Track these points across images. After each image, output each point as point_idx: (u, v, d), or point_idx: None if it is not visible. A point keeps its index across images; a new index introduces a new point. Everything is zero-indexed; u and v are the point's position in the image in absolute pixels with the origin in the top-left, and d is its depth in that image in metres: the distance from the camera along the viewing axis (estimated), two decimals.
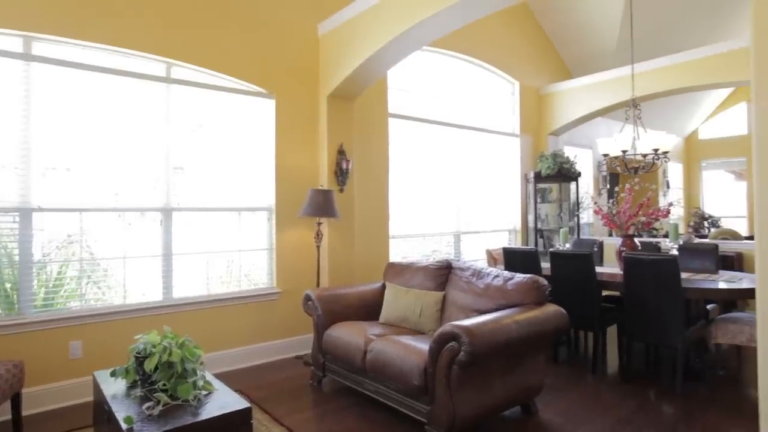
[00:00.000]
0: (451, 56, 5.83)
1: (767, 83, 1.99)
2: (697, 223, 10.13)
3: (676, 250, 3.98)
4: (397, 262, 3.95)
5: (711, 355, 3.86)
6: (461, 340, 2.38)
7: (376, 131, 4.95)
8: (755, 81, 2.03)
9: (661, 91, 5.67)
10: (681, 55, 5.48)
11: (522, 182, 6.48)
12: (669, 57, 5.58)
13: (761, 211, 2.01)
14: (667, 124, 10.08)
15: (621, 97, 5.97)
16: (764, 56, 1.99)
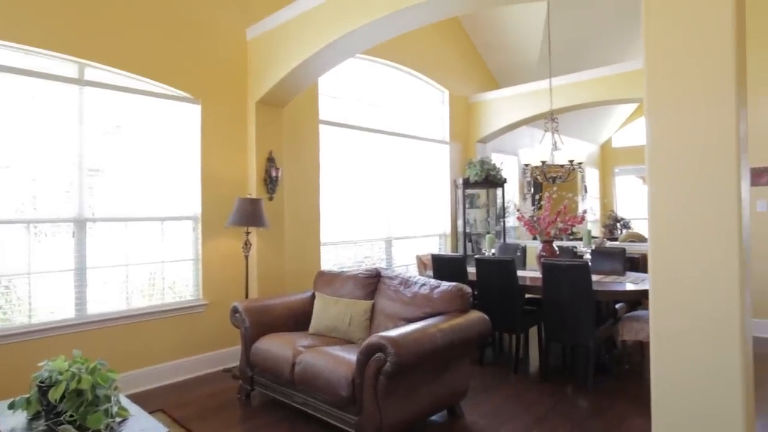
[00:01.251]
0: (383, 64, 5.91)
1: (657, 101, 2.20)
2: (611, 225, 10.93)
3: (589, 254, 4.28)
4: (327, 271, 3.95)
5: (618, 351, 4.18)
6: (387, 351, 2.42)
7: (307, 138, 4.92)
8: (647, 99, 2.23)
9: (576, 104, 6.08)
10: (593, 72, 5.90)
11: (452, 188, 6.69)
12: (584, 72, 5.99)
13: (653, 216, 2.20)
14: (584, 133, 10.80)
15: (542, 108, 6.31)
16: (654, 76, 2.20)
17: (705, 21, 2.06)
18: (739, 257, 1.98)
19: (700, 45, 2.08)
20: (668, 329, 2.16)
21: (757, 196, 4.79)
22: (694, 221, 2.07)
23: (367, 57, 5.63)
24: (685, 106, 2.12)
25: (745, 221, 2.11)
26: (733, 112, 2.00)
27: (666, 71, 2.16)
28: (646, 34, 2.22)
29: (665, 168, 2.17)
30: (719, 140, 2.02)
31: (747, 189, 2.18)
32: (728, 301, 1.98)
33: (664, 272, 2.16)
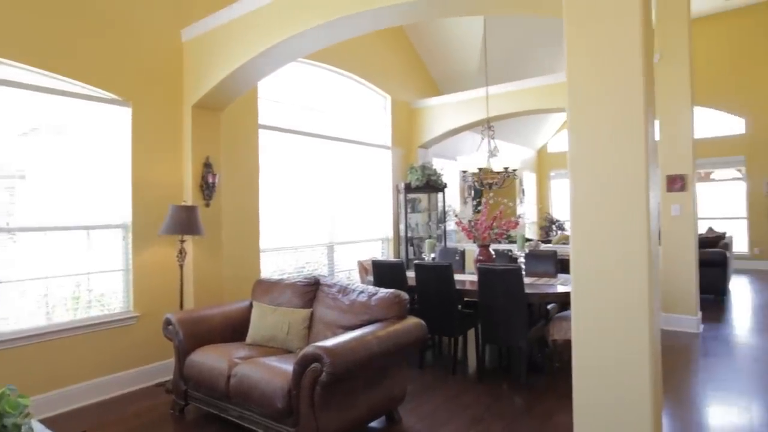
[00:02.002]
0: (326, 69, 5.90)
1: (577, 115, 2.35)
2: (547, 227, 11.45)
3: (523, 257, 4.46)
4: (265, 279, 3.89)
5: (550, 349, 4.39)
6: (323, 360, 2.42)
7: (245, 143, 4.83)
8: (568, 112, 2.37)
9: (510, 112, 6.32)
10: (526, 82, 6.16)
11: (394, 193, 6.77)
12: (518, 82, 6.25)
13: (574, 220, 2.35)
14: (522, 138, 11.24)
15: (482, 115, 6.52)
16: (575, 91, 2.34)
17: (617, 44, 2.22)
18: (648, 258, 2.16)
19: (613, 65, 2.24)
20: (586, 325, 2.32)
21: (671, 201, 5.18)
22: (609, 225, 2.24)
23: (309, 61, 5.60)
24: (601, 120, 2.27)
25: (654, 224, 2.30)
26: (642, 125, 2.17)
27: (584, 87, 2.31)
28: (568, 54, 2.37)
29: (584, 175, 2.32)
30: (631, 151, 2.18)
31: (657, 194, 2.37)
32: (639, 297, 2.17)
33: (584, 272, 2.33)
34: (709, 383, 3.68)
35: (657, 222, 2.36)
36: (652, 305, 2.21)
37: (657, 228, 2.36)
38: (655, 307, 2.29)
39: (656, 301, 2.31)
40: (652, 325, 2.22)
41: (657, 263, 2.32)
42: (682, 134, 5.14)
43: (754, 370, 3.95)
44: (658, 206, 2.38)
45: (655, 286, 2.26)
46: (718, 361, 4.18)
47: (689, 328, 5.08)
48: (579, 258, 2.34)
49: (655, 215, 2.34)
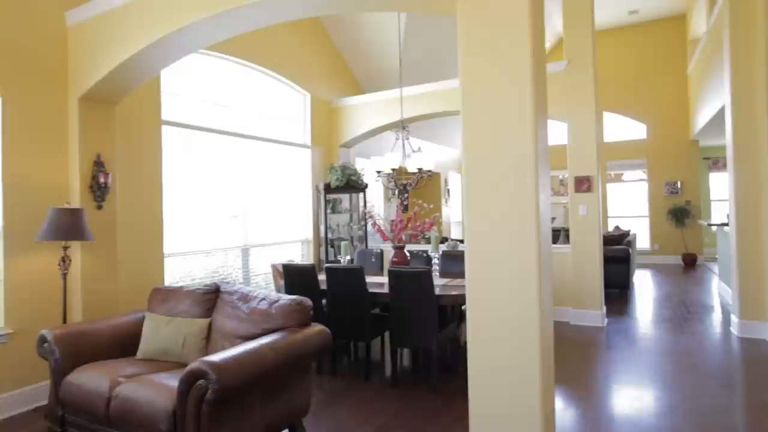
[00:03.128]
0: (240, 64, 5.61)
1: (470, 113, 2.33)
2: None
3: (437, 258, 4.46)
4: (164, 287, 3.59)
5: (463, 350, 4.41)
6: (209, 377, 2.23)
7: (146, 140, 4.46)
8: (462, 118, 2.35)
9: (428, 113, 6.34)
10: (445, 83, 6.20)
11: (313, 193, 6.59)
12: (435, 83, 6.28)
13: (468, 220, 2.34)
14: (448, 139, 11.42)
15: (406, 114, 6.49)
16: (468, 90, 2.33)
17: (507, 46, 2.22)
18: (537, 258, 2.19)
19: (504, 67, 2.24)
20: (481, 322, 2.34)
21: (579, 201, 5.41)
22: (500, 226, 2.28)
23: (220, 55, 5.29)
24: (492, 122, 2.27)
25: (546, 225, 2.33)
26: (531, 128, 2.18)
27: (476, 89, 2.31)
28: (461, 54, 2.35)
29: (476, 177, 2.32)
30: (520, 153, 2.18)
31: (548, 196, 2.40)
32: (529, 297, 2.21)
33: (478, 272, 2.34)
34: (608, 375, 3.85)
35: (548, 223, 2.40)
36: (542, 305, 2.24)
37: (548, 229, 2.39)
38: (546, 304, 2.33)
39: (547, 299, 2.35)
40: (543, 323, 2.26)
41: (548, 263, 2.36)
42: (588, 138, 5.37)
43: (649, 361, 4.18)
44: (549, 207, 2.41)
45: (545, 285, 2.30)
46: (618, 354, 4.40)
47: (595, 322, 5.33)
48: (474, 258, 2.34)
49: (547, 217, 2.37)
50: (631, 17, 10.22)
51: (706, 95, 7.70)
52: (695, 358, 4.18)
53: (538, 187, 2.18)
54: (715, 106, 6.63)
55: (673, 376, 3.80)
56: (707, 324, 5.30)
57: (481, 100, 2.29)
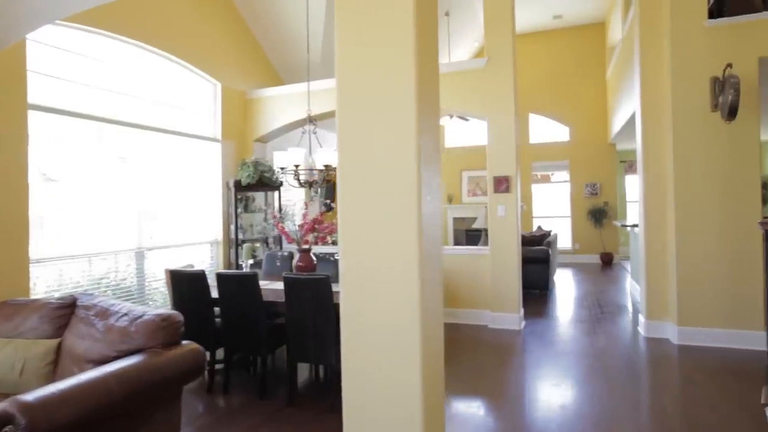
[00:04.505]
0: (139, 47, 5.01)
1: (347, 110, 2.07)
2: None
3: None
4: (14, 301, 3.03)
5: None
6: (17, 422, 1.77)
7: (6, 127, 3.82)
8: (338, 108, 2.07)
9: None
10: None
11: (224, 190, 6.09)
12: None
13: (343, 224, 2.11)
14: None
15: (324, 108, 6.12)
16: (345, 86, 2.06)
17: (388, 38, 1.98)
18: (418, 258, 1.96)
19: (384, 61, 2.00)
20: (356, 326, 2.11)
21: (498, 201, 5.31)
22: (379, 228, 2.07)
23: (115, 35, 4.69)
24: (371, 121, 2.03)
25: (431, 228, 2.11)
26: (414, 128, 1.93)
27: (354, 85, 2.07)
28: (338, 45, 2.09)
29: (353, 178, 2.06)
30: (401, 153, 1.93)
31: (435, 198, 2.18)
32: (410, 303, 2.00)
33: (352, 276, 2.13)
34: (519, 380, 3.71)
35: (435, 225, 2.17)
36: (426, 311, 2.02)
37: (435, 231, 2.16)
38: (432, 311, 2.10)
39: (433, 304, 2.13)
40: (429, 332, 2.03)
41: (434, 266, 2.14)
42: (507, 137, 5.27)
43: (561, 365, 4.10)
44: (437, 208, 2.18)
45: (430, 290, 2.08)
46: (531, 357, 4.30)
47: (512, 325, 5.24)
48: (348, 261, 2.09)
49: (434, 218, 2.15)
50: (555, 22, 10.43)
51: (621, 100, 7.94)
52: (604, 360, 4.15)
53: (422, 188, 1.92)
54: (628, 112, 6.80)
55: (582, 380, 3.73)
56: (618, 324, 5.36)
57: (358, 94, 2.04)
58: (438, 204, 2.18)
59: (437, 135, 2.19)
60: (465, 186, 11.72)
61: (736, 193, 4.37)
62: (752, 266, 4.30)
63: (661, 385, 3.60)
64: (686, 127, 4.53)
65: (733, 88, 3.91)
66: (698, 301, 4.47)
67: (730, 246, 4.38)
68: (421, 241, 1.95)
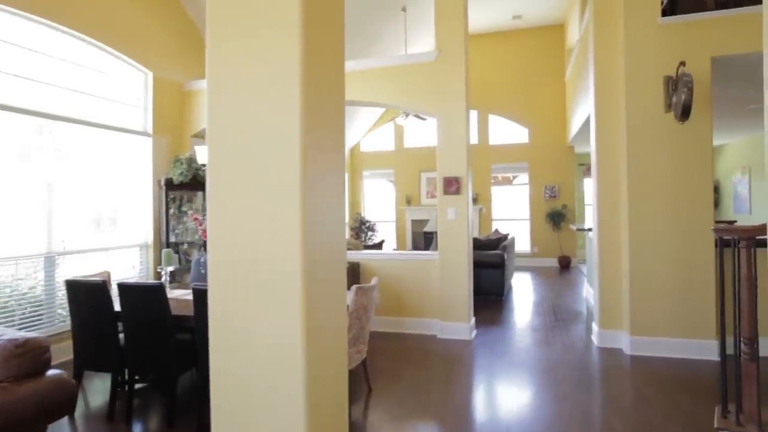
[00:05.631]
0: (55, 29, 4.47)
1: (218, 105, 1.71)
2: (357, 228, 11.20)
3: None
4: None
5: None
6: None
7: None
8: (209, 104, 1.70)
9: None
10: None
11: (155, 189, 5.59)
12: None
13: (212, 231, 1.74)
14: None
15: None
16: (217, 74, 1.71)
17: (270, 39, 1.65)
18: (301, 266, 1.62)
19: (264, 63, 1.67)
20: (226, 353, 1.74)
21: (448, 204, 5.02)
22: (254, 230, 1.67)
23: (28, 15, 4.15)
24: (248, 119, 1.69)
25: (320, 235, 1.78)
26: (298, 127, 1.59)
27: (230, 83, 1.72)
28: (209, 25, 1.75)
29: (226, 178, 1.71)
30: (282, 148, 1.58)
31: (332, 196, 1.86)
32: (290, 314, 1.65)
33: (222, 294, 1.75)
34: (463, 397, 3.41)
35: (330, 228, 1.83)
36: (313, 328, 1.68)
37: (329, 236, 1.83)
38: (325, 326, 1.76)
39: (327, 319, 1.79)
40: (316, 350, 1.69)
41: (330, 275, 1.81)
42: (458, 136, 4.99)
43: (510, 380, 3.83)
44: (338, 210, 1.86)
45: (319, 302, 1.74)
46: (480, 371, 4.02)
47: (462, 335, 4.96)
48: (216, 276, 1.73)
49: (329, 220, 1.81)
50: (515, 22, 10.31)
51: (578, 102, 7.83)
52: (556, 374, 3.90)
53: (305, 188, 1.58)
54: (584, 113, 6.66)
55: (532, 398, 3.46)
56: (572, 333, 5.16)
57: (233, 93, 1.70)
58: (341, 205, 1.85)
59: (337, 129, 1.85)
60: (424, 187, 11.47)
61: (689, 198, 4.21)
62: (704, 273, 4.15)
63: (612, 402, 3.37)
64: (640, 129, 4.35)
65: (686, 86, 3.73)
66: (651, 309, 4.30)
67: (683, 252, 4.21)
68: (305, 250, 1.61)
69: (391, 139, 11.85)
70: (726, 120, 7.38)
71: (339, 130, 1.88)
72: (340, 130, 1.89)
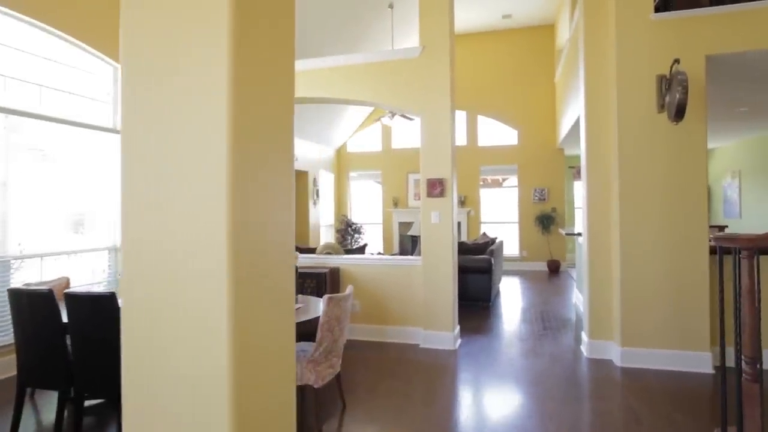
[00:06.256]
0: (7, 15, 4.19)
1: (132, 100, 1.46)
2: (344, 230, 10.94)
3: None
4: None
5: None
6: None
7: None
8: (123, 104, 1.45)
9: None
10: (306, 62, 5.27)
11: None
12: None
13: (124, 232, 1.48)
14: (318, 135, 10.53)
15: None
16: (133, 66, 1.45)
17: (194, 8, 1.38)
18: (228, 277, 1.37)
19: (186, 38, 1.41)
20: (139, 366, 1.46)
21: (431, 207, 4.79)
22: (181, 233, 1.42)
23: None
24: (163, 114, 1.42)
25: (253, 223, 1.52)
26: (224, 126, 1.35)
27: (145, 62, 1.46)
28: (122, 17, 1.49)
29: (145, 174, 1.46)
30: (204, 139, 1.33)
31: (261, 197, 1.61)
32: (215, 320, 1.38)
33: (134, 316, 1.49)
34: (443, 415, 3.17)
35: (265, 236, 1.59)
36: (231, 314, 1.43)
37: (263, 244, 1.59)
38: (276, 348, 1.52)
39: (275, 340, 1.54)
40: (246, 380, 1.44)
41: (257, 284, 1.57)
42: (442, 135, 4.77)
43: (494, 395, 3.61)
44: (284, 211, 1.62)
45: (258, 318, 1.49)
46: (464, 385, 3.78)
47: (446, 344, 4.73)
48: (128, 267, 1.48)
49: (258, 230, 1.57)
50: (505, 21, 10.13)
51: (568, 103, 7.65)
52: (542, 388, 3.69)
53: (233, 187, 1.34)
54: (574, 115, 6.48)
55: (517, 416, 3.23)
56: (561, 342, 4.95)
57: (148, 58, 1.44)
58: (281, 203, 1.60)
59: (282, 121, 1.61)
60: (411, 189, 11.25)
61: (683, 202, 4.02)
62: (698, 280, 3.96)
63: (601, 420, 3.15)
64: (632, 130, 4.15)
65: (680, 85, 3.54)
66: (642, 319, 4.09)
67: (676, 258, 4.02)
68: (237, 249, 1.37)
69: (379, 140, 11.62)
70: (717, 123, 7.25)
71: (284, 123, 1.63)
72: (286, 124, 1.65)
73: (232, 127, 1.33)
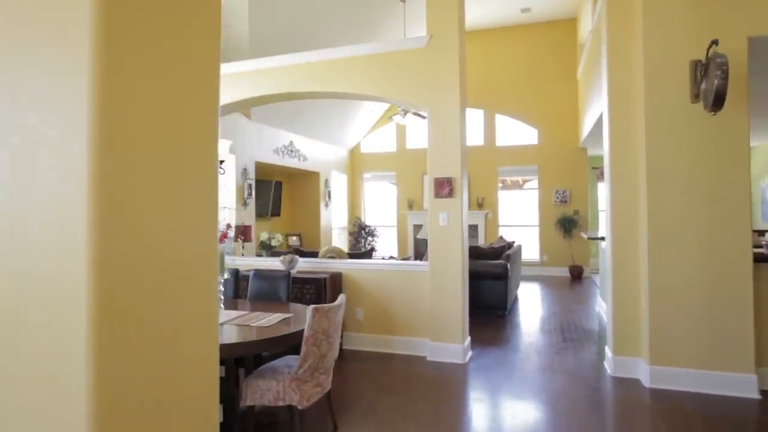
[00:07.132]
0: None
1: None
2: (356, 233, 10.62)
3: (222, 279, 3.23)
4: None
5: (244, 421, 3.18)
6: None
7: None
8: None
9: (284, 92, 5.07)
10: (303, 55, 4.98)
11: None
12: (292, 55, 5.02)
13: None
14: (330, 136, 10.26)
15: (249, 93, 5.18)
16: None
17: None
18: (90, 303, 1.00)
19: None
20: None
21: (439, 208, 4.42)
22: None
23: None
24: None
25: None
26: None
27: None
28: None
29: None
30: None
31: (149, 194, 1.24)
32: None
33: None
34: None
35: (158, 241, 1.22)
36: (92, 321, 1.07)
37: (162, 249, 1.23)
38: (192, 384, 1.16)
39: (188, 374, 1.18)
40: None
41: (145, 307, 1.20)
42: (451, 132, 4.41)
43: (507, 419, 3.22)
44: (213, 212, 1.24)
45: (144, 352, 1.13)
46: (471, 407, 3.41)
47: (455, 358, 4.35)
48: None
49: (145, 233, 1.21)
50: (523, 16, 9.69)
51: (591, 100, 7.18)
52: (560, 411, 3.28)
53: (99, 177, 1.00)
54: (597, 113, 6.03)
55: None
56: (582, 357, 4.51)
57: None
58: (190, 199, 1.26)
59: (213, 102, 1.26)
60: (426, 190, 10.86)
61: (721, 203, 3.57)
62: (740, 292, 3.49)
63: None
64: (661, 122, 3.72)
65: (719, 69, 3.10)
66: (674, 334, 3.64)
67: (714, 267, 3.56)
68: (108, 259, 1.01)
69: (393, 140, 11.29)
70: (756, 118, 6.68)
71: (197, 115, 1.23)
72: (209, 106, 1.25)
73: (95, 105, 0.99)
